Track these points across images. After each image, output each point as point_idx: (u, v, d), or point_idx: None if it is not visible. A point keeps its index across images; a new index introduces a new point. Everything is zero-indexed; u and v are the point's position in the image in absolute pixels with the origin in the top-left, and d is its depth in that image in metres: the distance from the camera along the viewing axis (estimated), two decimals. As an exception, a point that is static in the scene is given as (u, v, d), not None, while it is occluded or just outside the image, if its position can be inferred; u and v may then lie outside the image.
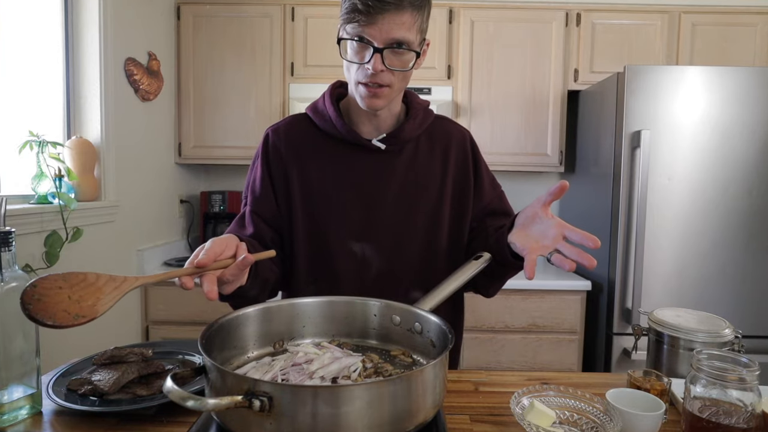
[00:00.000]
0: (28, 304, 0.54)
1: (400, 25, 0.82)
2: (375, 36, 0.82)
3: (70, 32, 1.83)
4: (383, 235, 0.98)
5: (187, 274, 0.66)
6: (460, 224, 1.03)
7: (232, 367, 0.75)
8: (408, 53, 0.86)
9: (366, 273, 0.98)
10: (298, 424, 0.54)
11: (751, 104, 1.86)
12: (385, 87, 0.87)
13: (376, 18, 0.81)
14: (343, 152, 0.99)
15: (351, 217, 0.97)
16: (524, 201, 2.93)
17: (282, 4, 2.29)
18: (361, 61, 0.85)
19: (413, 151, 1.00)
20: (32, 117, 1.70)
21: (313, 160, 0.99)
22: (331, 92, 1.01)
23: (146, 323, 2.15)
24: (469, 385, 0.89)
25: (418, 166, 1.00)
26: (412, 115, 0.99)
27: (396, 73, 0.87)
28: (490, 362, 2.12)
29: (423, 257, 1.00)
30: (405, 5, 0.82)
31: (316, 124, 1.00)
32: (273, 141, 1.01)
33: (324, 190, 0.98)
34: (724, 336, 0.85)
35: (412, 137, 1.00)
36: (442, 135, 1.04)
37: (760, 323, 1.91)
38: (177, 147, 2.38)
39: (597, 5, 2.31)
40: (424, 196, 1.00)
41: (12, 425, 0.70)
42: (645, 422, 0.67)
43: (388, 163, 0.98)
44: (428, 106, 1.05)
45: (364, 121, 0.98)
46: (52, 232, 1.55)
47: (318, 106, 1.01)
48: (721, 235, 1.90)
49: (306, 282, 1.00)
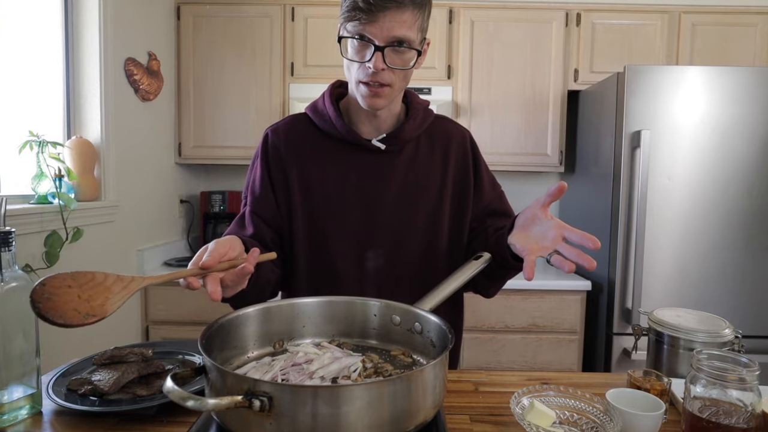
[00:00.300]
0: (38, 303, 0.54)
1: (402, 24, 0.82)
2: (376, 34, 0.82)
3: (71, 32, 1.83)
4: (383, 235, 0.98)
5: (192, 275, 0.67)
6: (460, 224, 1.03)
7: (232, 367, 0.75)
8: (409, 52, 0.86)
9: (365, 273, 0.98)
10: (298, 424, 0.54)
11: (751, 104, 1.87)
12: (386, 86, 0.87)
13: (378, 16, 0.81)
14: (342, 152, 0.99)
15: (351, 217, 0.97)
16: (524, 201, 2.94)
17: (282, 4, 2.30)
18: (362, 60, 0.85)
19: (413, 151, 1.01)
20: (32, 117, 1.70)
21: (313, 160, 0.99)
22: (331, 92, 1.01)
23: (146, 323, 2.15)
24: (469, 385, 0.89)
25: (418, 166, 1.00)
26: (412, 115, 1.00)
27: (397, 72, 0.87)
28: (490, 362, 2.13)
29: (423, 257, 1.00)
30: (406, 3, 0.82)
31: (315, 124, 1.00)
32: (272, 141, 1.01)
33: (324, 190, 0.98)
34: (724, 336, 0.85)
35: (412, 137, 1.00)
36: (442, 135, 1.04)
37: (760, 323, 1.92)
38: (177, 147, 2.39)
39: (597, 5, 2.32)
40: (424, 196, 1.00)
41: (12, 425, 0.71)
42: (645, 422, 0.67)
43: (388, 163, 0.98)
44: (428, 106, 1.05)
45: (364, 121, 0.98)
46: (52, 232, 1.56)
47: (318, 106, 1.01)
48: (721, 235, 1.91)
49: (306, 282, 1.00)
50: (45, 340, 1.51)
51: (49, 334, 1.54)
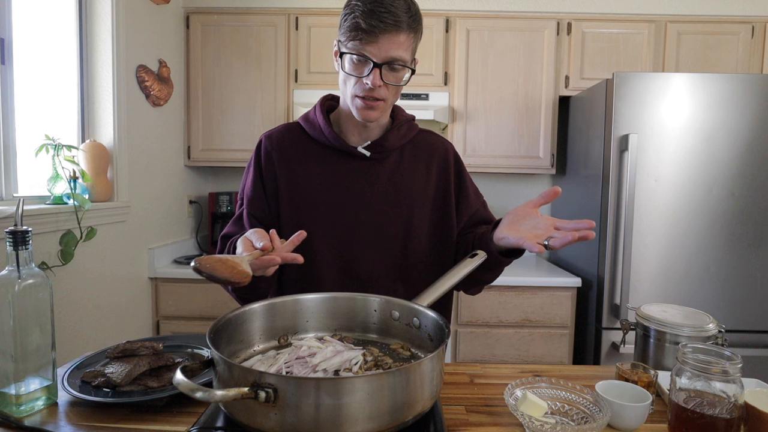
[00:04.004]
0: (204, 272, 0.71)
1: (398, 45, 0.88)
2: (374, 53, 0.88)
3: (84, 41, 1.85)
4: (363, 238, 1.00)
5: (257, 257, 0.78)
6: (441, 232, 1.05)
7: (238, 360, 0.76)
8: (403, 70, 0.92)
9: (347, 276, 1.00)
10: (301, 414, 0.55)
11: (733, 109, 1.88)
12: (380, 101, 0.93)
13: (377, 37, 0.87)
14: (330, 158, 1.02)
15: (333, 220, 1.00)
16: (517, 202, 3.02)
17: (286, 14, 2.33)
18: (360, 75, 0.90)
19: (397, 160, 1.04)
20: (48, 122, 1.72)
21: (301, 164, 1.02)
22: (322, 104, 1.05)
23: (157, 318, 2.18)
24: (465, 377, 0.90)
25: (401, 174, 1.03)
26: (396, 126, 1.04)
27: (390, 87, 0.93)
28: (484, 355, 2.15)
29: (401, 263, 1.02)
30: (403, 27, 0.88)
31: (306, 132, 1.05)
32: (265, 146, 1.04)
33: (309, 192, 1.01)
34: (708, 330, 0.86)
35: (395, 146, 1.03)
36: (425, 147, 1.07)
37: (742, 318, 1.94)
38: (186, 150, 2.42)
39: (587, 15, 2.35)
40: (405, 204, 1.02)
41: (29, 415, 0.72)
42: (633, 413, 0.69)
43: (372, 170, 1.02)
44: (413, 119, 1.10)
45: (353, 131, 1.02)
46: (67, 232, 1.59)
47: (309, 116, 1.06)
48: (706, 234, 1.92)
49: (291, 280, 1.02)
50: (60, 334, 1.58)
51: (64, 328, 1.61)
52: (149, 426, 0.70)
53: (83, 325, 1.73)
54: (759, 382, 0.79)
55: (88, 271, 1.76)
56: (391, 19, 0.86)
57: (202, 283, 2.14)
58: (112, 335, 1.88)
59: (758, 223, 1.93)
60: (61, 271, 1.59)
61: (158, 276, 2.15)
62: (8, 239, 0.71)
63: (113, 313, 1.91)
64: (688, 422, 0.67)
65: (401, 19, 0.87)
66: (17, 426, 0.69)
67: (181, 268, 2.19)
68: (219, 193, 2.52)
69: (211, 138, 2.41)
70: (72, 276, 1.67)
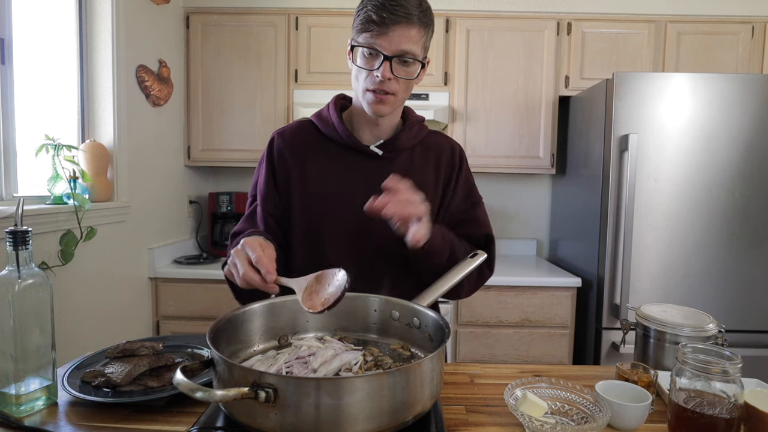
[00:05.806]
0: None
1: (409, 39, 0.89)
2: (385, 46, 0.89)
3: (84, 41, 1.86)
4: (374, 235, 1.00)
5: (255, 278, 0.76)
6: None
7: (238, 360, 0.76)
8: (414, 64, 0.93)
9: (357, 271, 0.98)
10: (301, 414, 0.55)
11: (733, 109, 1.88)
12: (391, 95, 0.93)
13: (389, 29, 0.88)
14: (342, 156, 1.03)
15: (345, 218, 1.00)
16: (517, 201, 3.02)
17: (286, 14, 2.33)
18: (371, 68, 0.91)
19: (408, 160, 1.05)
20: (48, 122, 1.73)
21: (314, 162, 1.03)
22: (335, 102, 1.07)
23: (157, 318, 2.18)
24: (465, 377, 0.91)
25: (411, 173, 1.02)
26: (408, 126, 1.05)
27: (401, 82, 0.93)
28: (485, 355, 2.15)
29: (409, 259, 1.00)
30: (414, 20, 0.89)
31: (319, 129, 1.06)
32: (278, 143, 1.06)
33: (321, 190, 1.01)
34: (708, 330, 0.86)
35: (407, 146, 1.05)
36: (435, 147, 1.09)
37: (742, 318, 1.94)
38: (186, 150, 2.42)
39: (587, 15, 2.35)
40: None
41: (29, 415, 0.72)
42: (632, 413, 0.69)
43: (384, 168, 1.02)
44: (423, 120, 1.11)
45: (365, 130, 1.03)
46: (67, 232, 1.59)
47: (322, 114, 1.07)
48: (706, 234, 1.93)
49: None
50: (60, 334, 1.58)
51: (65, 328, 1.61)
52: (149, 426, 0.70)
53: (83, 325, 1.74)
54: (759, 382, 0.79)
55: (88, 271, 1.76)
56: (403, 12, 0.88)
57: (202, 283, 2.14)
58: (112, 335, 1.88)
59: (758, 223, 1.93)
60: (61, 271, 1.59)
61: (158, 276, 2.15)
62: (8, 239, 0.71)
63: (113, 313, 1.91)
64: (688, 422, 0.67)
65: (412, 13, 0.88)
66: (17, 426, 0.69)
67: (181, 267, 2.19)
68: (219, 193, 2.53)
69: (211, 138, 2.41)
70: (72, 276, 1.67)
